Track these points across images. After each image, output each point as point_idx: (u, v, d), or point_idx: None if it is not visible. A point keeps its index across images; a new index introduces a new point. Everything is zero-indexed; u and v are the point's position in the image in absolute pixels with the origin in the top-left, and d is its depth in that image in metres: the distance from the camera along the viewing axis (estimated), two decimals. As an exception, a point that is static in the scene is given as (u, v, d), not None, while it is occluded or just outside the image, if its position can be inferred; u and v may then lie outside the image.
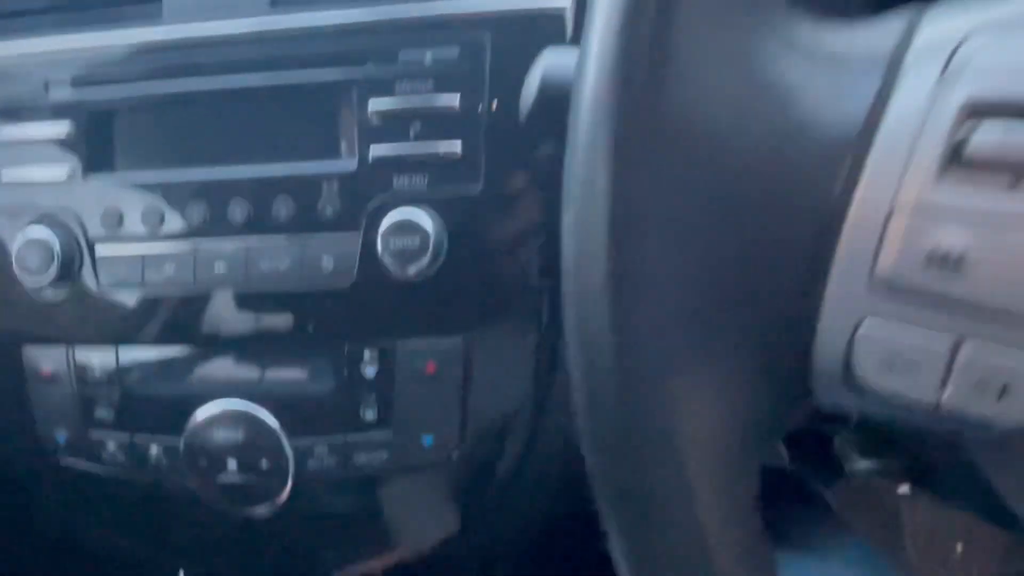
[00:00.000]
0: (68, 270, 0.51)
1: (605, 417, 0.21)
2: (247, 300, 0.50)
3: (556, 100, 0.31)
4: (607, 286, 0.20)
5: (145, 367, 0.52)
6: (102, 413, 0.52)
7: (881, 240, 0.21)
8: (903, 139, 0.20)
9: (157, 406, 0.51)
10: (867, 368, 0.21)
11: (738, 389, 0.21)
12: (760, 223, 0.21)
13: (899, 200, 0.20)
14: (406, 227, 0.46)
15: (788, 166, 0.21)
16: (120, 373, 0.51)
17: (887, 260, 0.21)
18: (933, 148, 0.20)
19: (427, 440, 0.49)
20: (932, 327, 0.21)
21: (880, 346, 0.21)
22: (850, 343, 0.21)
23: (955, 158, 0.20)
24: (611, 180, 0.21)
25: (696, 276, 0.21)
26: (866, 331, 0.21)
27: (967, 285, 0.20)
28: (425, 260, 0.46)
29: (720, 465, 0.21)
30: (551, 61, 0.34)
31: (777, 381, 0.22)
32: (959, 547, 1.17)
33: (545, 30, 0.46)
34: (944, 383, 0.21)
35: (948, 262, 0.20)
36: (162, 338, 0.51)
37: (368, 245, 0.48)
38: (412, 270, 0.46)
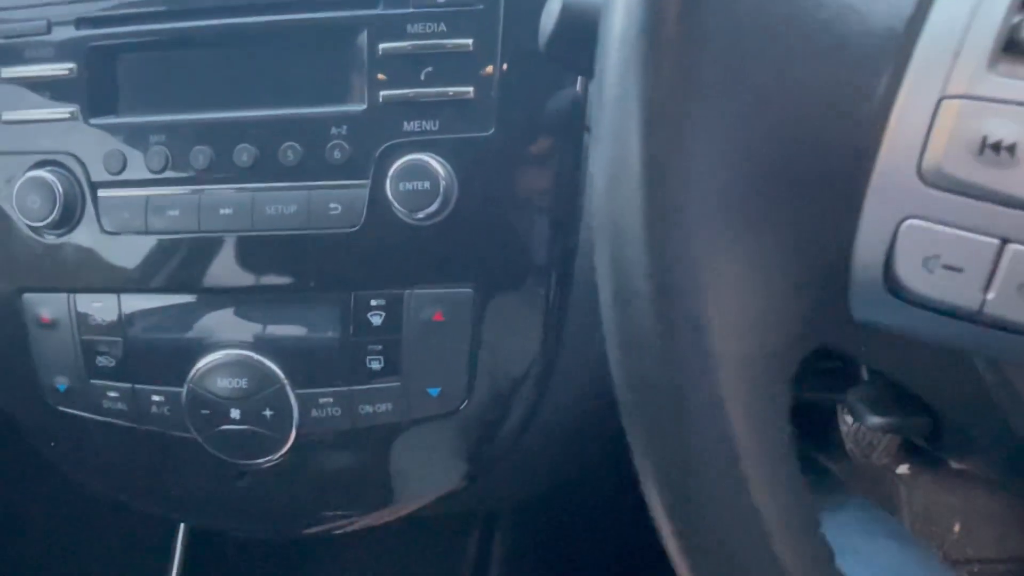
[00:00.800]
0: (70, 214, 0.50)
1: (634, 307, 0.20)
2: (252, 246, 0.49)
3: (578, 25, 0.30)
4: (641, 172, 0.19)
5: (147, 315, 0.50)
6: (103, 362, 0.51)
7: (929, 132, 0.20)
8: (954, 25, 0.20)
9: (159, 355, 0.51)
10: (908, 269, 0.21)
11: (775, 284, 0.21)
12: (805, 111, 0.20)
13: (949, 90, 0.20)
14: (416, 171, 0.45)
15: (836, 53, 0.20)
16: (122, 321, 0.50)
17: (934, 152, 0.20)
18: (986, 35, 0.19)
19: (434, 391, 0.49)
20: (977, 226, 0.20)
21: (923, 245, 0.20)
22: (892, 241, 0.21)
23: (1009, 46, 0.20)
24: (645, 74, 0.20)
25: (736, 161, 0.20)
26: (909, 229, 0.21)
27: (1016, 180, 0.19)
28: (434, 205, 0.45)
29: (752, 366, 0.21)
30: None
31: (816, 280, 0.21)
32: (956, 527, 1.17)
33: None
34: (988, 286, 0.20)
35: (998, 154, 0.19)
36: (165, 286, 0.50)
37: (377, 190, 0.47)
38: (421, 215, 0.46)
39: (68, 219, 0.50)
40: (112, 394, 0.52)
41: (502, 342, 0.48)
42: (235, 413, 0.50)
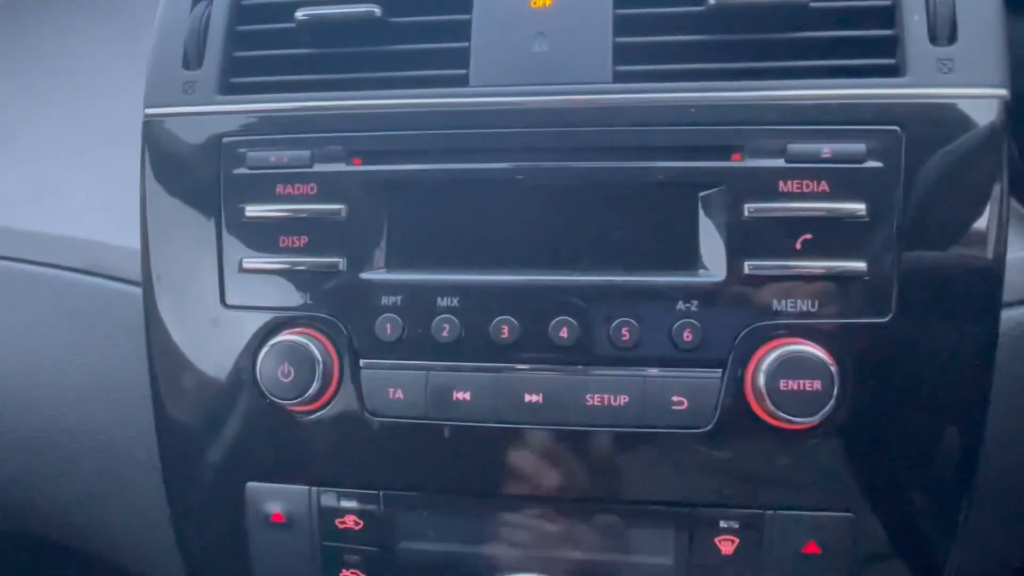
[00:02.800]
0: (324, 389, 0.40)
1: None
2: (562, 444, 0.39)
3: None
4: None
5: (417, 522, 0.40)
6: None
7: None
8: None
9: (426, 572, 0.40)
10: None
11: None
12: None
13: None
14: (802, 365, 0.36)
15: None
16: (381, 526, 0.40)
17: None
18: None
19: (796, 641, 0.38)
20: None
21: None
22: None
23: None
24: None
25: None
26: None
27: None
28: (821, 408, 0.36)
29: None
30: None
31: None
32: None
33: (970, 122, 0.37)
34: None
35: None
36: (442, 486, 0.40)
37: (735, 382, 0.37)
38: (802, 419, 0.36)
39: (320, 394, 0.40)
40: (358, 617, 0.41)
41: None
42: (528, 656, 0.39)
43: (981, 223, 0.37)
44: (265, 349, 0.39)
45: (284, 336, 0.40)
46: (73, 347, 0.48)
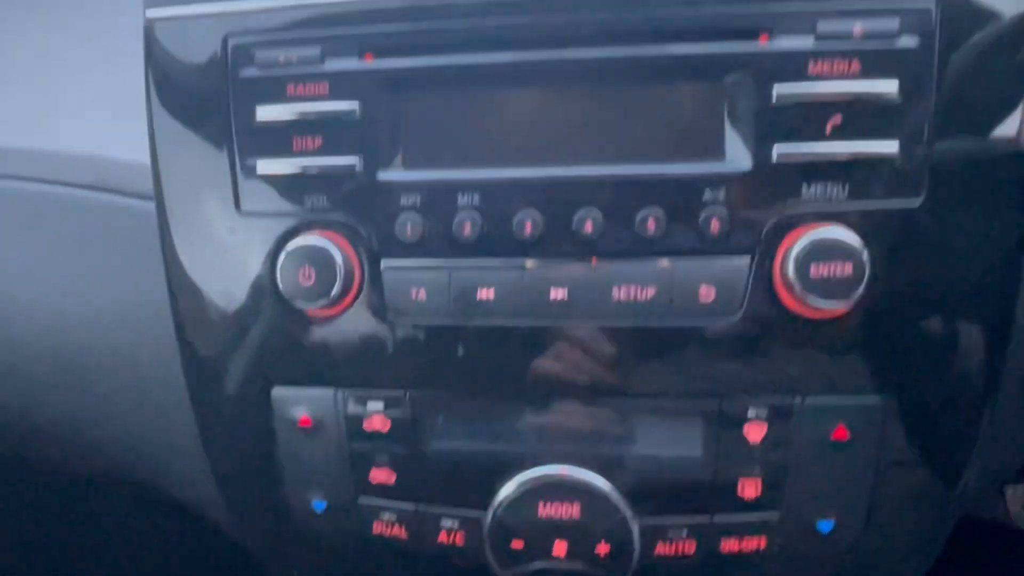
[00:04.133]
0: (346, 291, 0.39)
1: None
2: (589, 338, 0.38)
3: None
4: None
5: (444, 420, 0.40)
6: (379, 476, 0.41)
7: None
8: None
9: (457, 470, 0.40)
10: None
11: None
12: None
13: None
14: (831, 249, 0.35)
15: None
16: (408, 426, 0.40)
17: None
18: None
19: (824, 526, 0.38)
20: None
21: None
22: None
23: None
24: None
25: None
26: None
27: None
28: (851, 294, 0.35)
29: None
30: None
31: None
32: None
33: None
34: None
35: None
36: (468, 385, 0.40)
37: (763, 271, 0.37)
38: (831, 305, 0.36)
39: (342, 297, 0.39)
40: (387, 516, 0.41)
41: (915, 469, 0.38)
42: (558, 548, 0.39)
43: (1019, 106, 0.36)
44: (284, 254, 0.39)
45: (302, 240, 0.39)
46: (90, 268, 0.47)
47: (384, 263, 0.39)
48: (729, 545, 0.39)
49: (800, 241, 0.36)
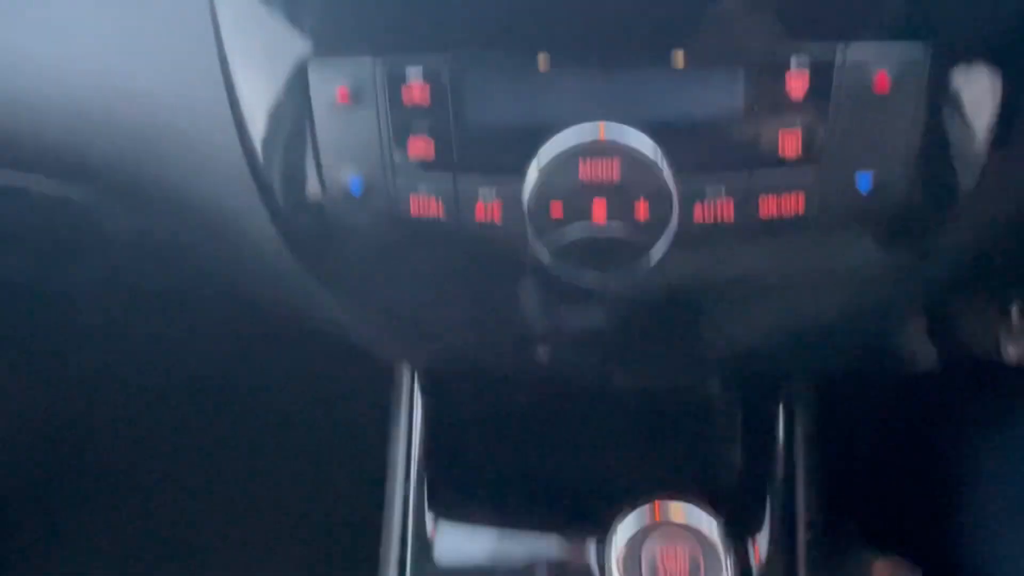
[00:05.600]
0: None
1: None
2: None
3: None
4: None
5: (484, 85, 0.40)
6: (419, 147, 0.40)
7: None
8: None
9: (494, 135, 0.40)
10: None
11: None
12: None
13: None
14: None
15: None
16: (449, 91, 0.40)
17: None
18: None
19: (864, 180, 0.39)
20: None
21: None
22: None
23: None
24: None
25: None
26: None
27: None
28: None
29: None
30: None
31: None
32: None
33: None
34: None
35: None
36: (509, 43, 0.39)
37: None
38: None
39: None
40: (424, 189, 0.41)
41: (954, 119, 0.38)
42: (597, 211, 0.39)
43: None
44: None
45: None
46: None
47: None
48: (767, 206, 0.39)
49: None
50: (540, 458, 0.60)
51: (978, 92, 0.38)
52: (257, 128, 0.43)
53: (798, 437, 0.56)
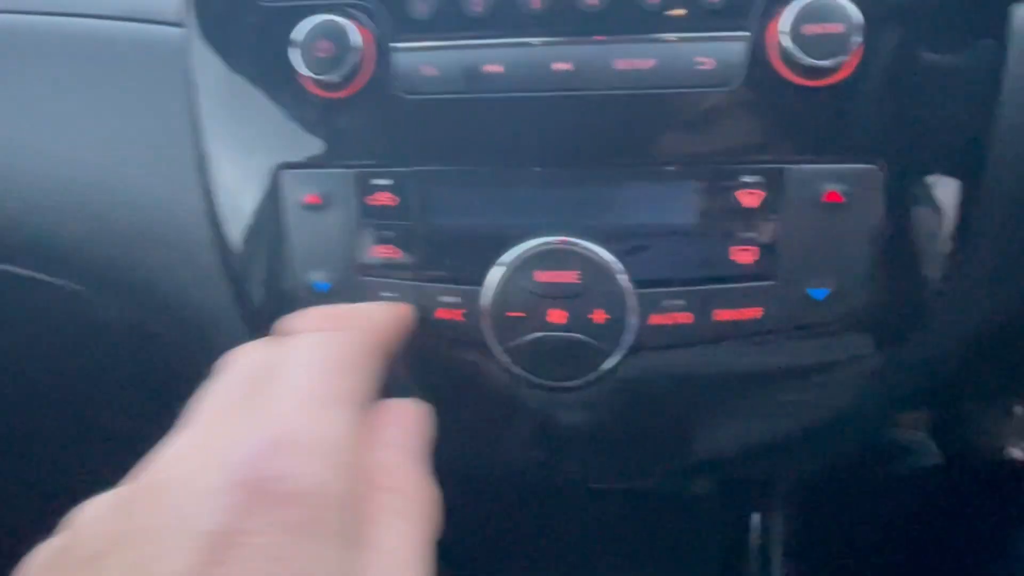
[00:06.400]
0: (357, 70, 0.41)
1: None
2: (591, 109, 0.40)
3: None
4: None
5: (448, 197, 0.41)
6: (381, 252, 0.41)
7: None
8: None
9: (459, 245, 0.41)
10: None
11: None
12: None
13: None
14: (823, 10, 0.37)
15: None
16: (413, 202, 0.41)
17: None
18: None
19: (819, 293, 0.39)
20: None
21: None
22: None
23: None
24: None
25: None
26: None
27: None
28: (842, 58, 0.37)
29: None
30: None
31: None
32: None
33: None
34: None
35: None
36: (474, 160, 0.41)
37: (760, 41, 0.38)
38: (829, 63, 0.37)
39: (352, 75, 0.41)
40: (387, 294, 0.42)
41: (913, 235, 0.39)
42: (556, 317, 0.40)
43: None
44: (300, 32, 0.41)
45: (319, 18, 0.41)
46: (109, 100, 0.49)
47: (395, 44, 0.41)
48: (724, 315, 0.39)
49: (796, 4, 0.37)
50: (515, 555, 0.59)
51: (928, 207, 0.39)
52: (231, 229, 0.44)
53: (774, 538, 0.55)
